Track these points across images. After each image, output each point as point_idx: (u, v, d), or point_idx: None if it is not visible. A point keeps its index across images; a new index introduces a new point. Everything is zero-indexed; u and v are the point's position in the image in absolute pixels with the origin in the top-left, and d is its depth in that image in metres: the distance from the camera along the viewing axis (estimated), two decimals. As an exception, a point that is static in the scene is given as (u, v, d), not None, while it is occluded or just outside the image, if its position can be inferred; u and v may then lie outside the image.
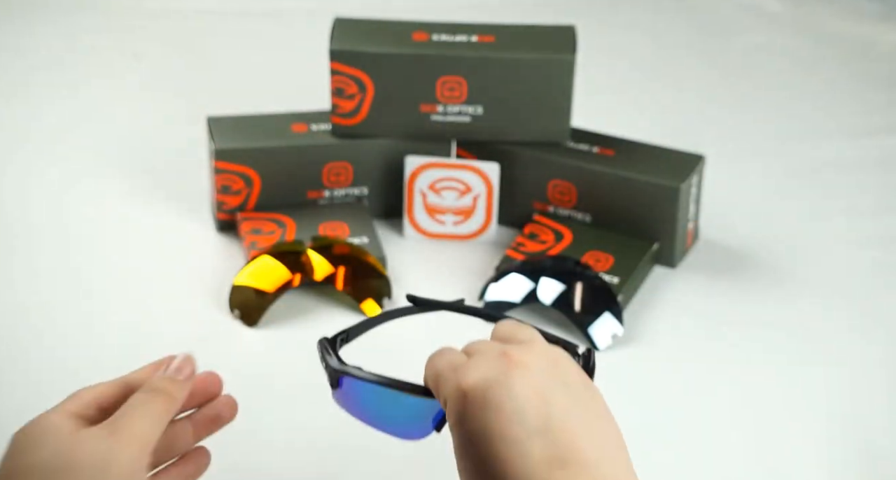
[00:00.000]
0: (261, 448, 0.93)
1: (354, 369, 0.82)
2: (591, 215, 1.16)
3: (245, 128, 1.17)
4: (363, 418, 0.83)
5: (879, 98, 1.48)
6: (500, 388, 0.71)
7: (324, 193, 1.18)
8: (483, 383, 0.71)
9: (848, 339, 1.06)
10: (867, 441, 0.95)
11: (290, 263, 1.07)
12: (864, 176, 1.31)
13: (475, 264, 1.15)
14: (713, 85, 1.52)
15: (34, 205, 1.23)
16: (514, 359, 0.72)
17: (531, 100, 1.14)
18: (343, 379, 0.82)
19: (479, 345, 0.75)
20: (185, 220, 1.20)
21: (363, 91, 1.15)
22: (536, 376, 0.72)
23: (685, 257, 1.16)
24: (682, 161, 1.15)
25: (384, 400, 0.80)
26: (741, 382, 1.01)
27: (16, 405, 0.97)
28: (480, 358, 0.73)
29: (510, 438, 0.69)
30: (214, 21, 1.62)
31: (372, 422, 0.83)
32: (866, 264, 1.16)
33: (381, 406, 0.81)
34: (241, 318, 1.06)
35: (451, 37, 1.15)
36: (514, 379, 0.71)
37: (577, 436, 0.70)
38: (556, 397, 0.71)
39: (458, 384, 0.72)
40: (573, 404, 0.71)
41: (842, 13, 1.66)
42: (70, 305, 1.08)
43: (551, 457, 0.69)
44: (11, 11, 1.62)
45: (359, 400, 0.82)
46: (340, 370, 0.81)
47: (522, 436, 0.69)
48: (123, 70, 1.51)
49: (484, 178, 1.15)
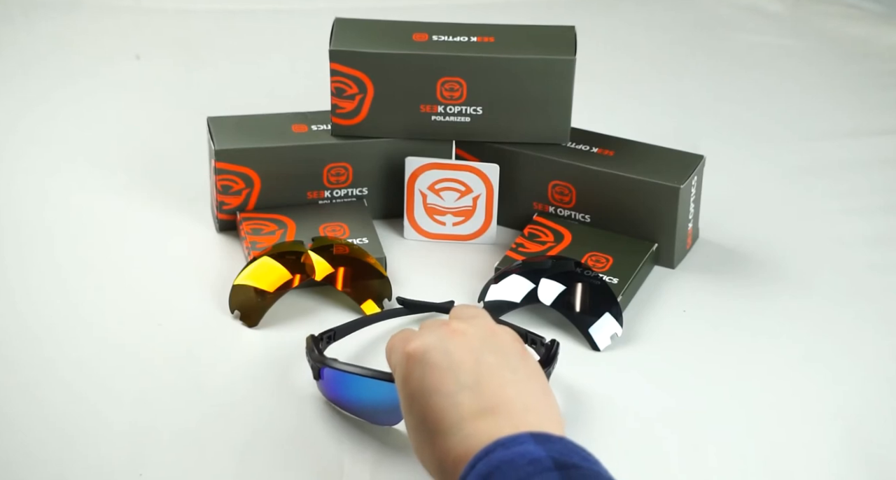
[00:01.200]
0: (261, 448, 0.93)
1: (331, 360, 0.94)
2: (590, 216, 1.16)
3: (245, 129, 1.17)
4: (343, 405, 0.95)
5: (879, 98, 1.48)
6: (437, 350, 0.80)
7: (324, 193, 1.18)
8: (423, 347, 0.81)
9: (848, 339, 1.06)
10: (868, 440, 0.95)
11: (291, 263, 1.07)
12: (865, 176, 1.31)
13: (475, 265, 1.15)
14: (713, 85, 1.52)
15: (34, 206, 1.23)
16: (454, 328, 0.82)
17: (531, 100, 1.14)
18: (323, 369, 0.94)
19: (428, 322, 0.86)
20: (186, 220, 1.20)
21: (363, 91, 1.15)
22: (472, 341, 0.81)
23: (685, 257, 1.16)
24: (682, 161, 1.15)
25: (359, 388, 0.92)
26: (741, 382, 1.01)
27: (16, 405, 0.97)
28: (426, 329, 0.83)
29: (444, 391, 0.78)
30: (214, 21, 1.62)
31: (351, 409, 0.94)
32: (867, 264, 1.16)
33: (357, 393, 0.93)
34: (241, 318, 1.06)
35: (450, 37, 1.15)
36: (450, 343, 0.80)
37: (505, 390, 0.78)
38: (488, 359, 0.80)
39: (404, 349, 0.81)
40: (504, 365, 0.80)
41: (842, 13, 1.66)
42: (69, 305, 1.08)
43: (481, 408, 0.77)
44: (10, 10, 1.61)
45: (337, 388, 0.94)
46: (319, 360, 0.94)
47: (455, 389, 0.78)
48: (124, 70, 1.51)
49: (484, 179, 1.15)
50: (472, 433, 0.75)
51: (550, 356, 0.96)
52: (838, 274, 1.15)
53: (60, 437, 0.93)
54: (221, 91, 1.45)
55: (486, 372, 0.79)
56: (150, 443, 0.93)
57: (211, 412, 0.96)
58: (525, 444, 0.72)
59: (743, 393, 1.00)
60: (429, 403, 0.78)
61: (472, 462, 0.73)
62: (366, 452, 0.92)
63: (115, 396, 0.98)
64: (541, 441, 0.73)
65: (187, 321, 1.07)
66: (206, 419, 0.95)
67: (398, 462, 0.92)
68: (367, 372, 0.91)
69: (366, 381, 0.91)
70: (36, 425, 0.94)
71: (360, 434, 0.94)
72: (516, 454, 0.72)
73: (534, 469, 0.70)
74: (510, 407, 0.77)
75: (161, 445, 0.93)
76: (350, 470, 0.91)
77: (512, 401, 0.77)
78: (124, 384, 0.99)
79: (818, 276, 1.15)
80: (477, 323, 0.83)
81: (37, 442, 0.93)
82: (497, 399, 0.77)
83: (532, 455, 0.71)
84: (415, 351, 0.81)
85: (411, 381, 0.80)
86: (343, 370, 0.92)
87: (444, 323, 0.84)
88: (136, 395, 0.98)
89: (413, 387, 0.80)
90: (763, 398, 0.99)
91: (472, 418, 0.76)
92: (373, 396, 0.92)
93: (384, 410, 0.92)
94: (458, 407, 0.77)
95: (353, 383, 0.92)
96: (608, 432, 0.94)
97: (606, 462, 0.74)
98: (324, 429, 0.94)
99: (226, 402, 0.97)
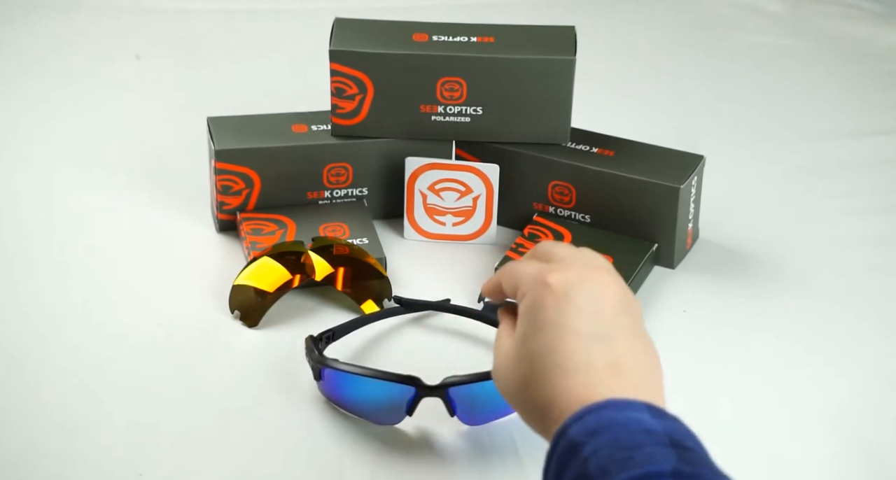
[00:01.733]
0: (261, 448, 0.93)
1: (332, 360, 0.93)
2: (590, 216, 1.16)
3: (245, 129, 1.17)
4: (344, 405, 0.94)
5: (879, 98, 1.48)
6: (584, 289, 0.77)
7: (324, 194, 1.18)
8: (568, 280, 0.77)
9: (848, 339, 1.06)
10: (868, 440, 0.95)
11: (291, 264, 1.07)
12: (864, 176, 1.31)
13: (475, 265, 1.15)
14: (713, 85, 1.52)
15: (34, 206, 1.23)
16: (598, 273, 0.79)
17: (531, 100, 1.14)
18: (323, 370, 0.94)
19: (559, 251, 0.82)
20: (186, 221, 1.20)
21: (363, 91, 1.15)
22: (615, 295, 0.78)
23: (685, 257, 1.16)
24: (682, 161, 1.15)
25: (360, 388, 0.92)
26: (741, 382, 1.01)
27: (16, 404, 0.97)
28: (566, 263, 0.80)
29: (582, 333, 0.75)
30: (214, 21, 1.62)
31: (352, 409, 0.94)
32: (867, 264, 1.16)
33: (358, 393, 0.93)
34: (241, 318, 1.06)
35: (450, 37, 1.15)
36: (598, 288, 0.77)
37: (633, 355, 0.76)
38: (624, 319, 0.77)
39: (544, 277, 0.78)
40: (634, 330, 0.77)
41: (842, 13, 1.66)
42: (69, 306, 1.08)
43: (610, 363, 0.74)
44: (10, 10, 1.61)
45: (338, 389, 0.94)
46: (320, 361, 0.93)
47: (592, 335, 0.75)
48: (123, 70, 1.51)
49: (484, 179, 1.15)
50: (596, 382, 0.73)
51: None
52: (838, 274, 1.15)
53: (60, 437, 0.93)
54: (221, 91, 1.45)
55: (621, 330, 0.76)
56: (150, 443, 0.93)
57: (211, 412, 0.96)
58: (640, 412, 0.70)
59: (743, 393, 1.00)
60: (561, 338, 0.75)
61: (581, 413, 0.71)
62: (366, 452, 0.92)
63: (115, 396, 0.98)
64: (656, 415, 0.70)
65: (187, 321, 1.07)
66: (205, 419, 0.95)
67: (398, 462, 0.92)
68: (368, 372, 0.91)
69: (366, 381, 0.91)
70: (36, 424, 0.95)
71: (361, 435, 0.94)
72: (630, 419, 0.69)
73: (648, 439, 0.68)
74: (635, 373, 0.75)
75: (161, 445, 0.93)
76: (350, 470, 0.91)
77: (636, 368, 0.75)
78: (124, 384, 0.99)
79: (818, 276, 1.15)
80: (617, 279, 0.80)
81: (37, 442, 0.93)
82: (624, 359, 0.75)
83: (647, 424, 0.69)
84: (559, 282, 0.77)
85: (545, 311, 0.77)
86: (343, 370, 0.92)
87: (584, 262, 0.80)
88: (135, 395, 0.98)
89: (546, 318, 0.76)
90: (763, 398, 0.99)
91: (599, 369, 0.74)
92: (374, 396, 0.92)
93: (385, 410, 0.92)
94: (588, 353, 0.74)
95: (353, 383, 0.92)
96: (608, 432, 0.94)
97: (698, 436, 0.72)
98: (324, 429, 0.94)
99: (225, 402, 0.97)
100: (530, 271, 0.80)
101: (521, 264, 0.82)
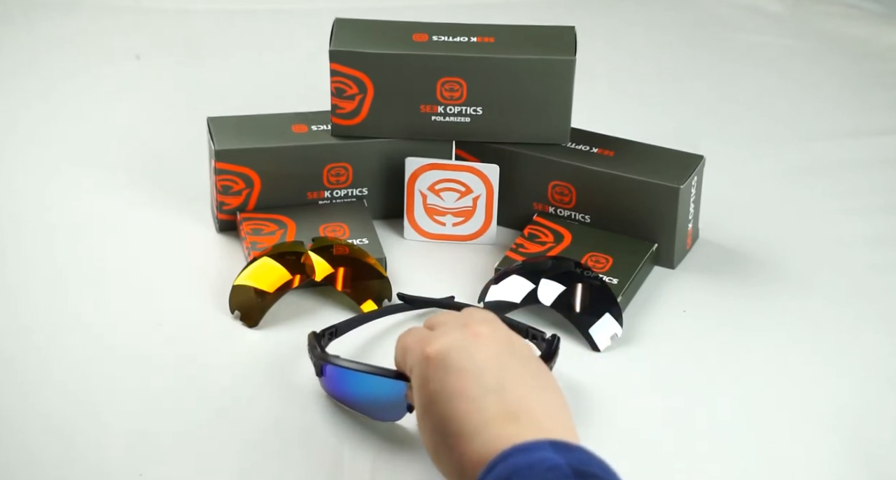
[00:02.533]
0: (262, 446, 0.93)
1: (333, 357, 0.94)
2: (590, 216, 1.16)
3: (245, 129, 1.17)
4: (346, 402, 0.95)
5: (879, 98, 1.48)
6: (460, 353, 0.80)
7: (324, 194, 1.18)
8: (445, 348, 0.80)
9: (848, 340, 1.06)
10: (868, 440, 0.95)
11: (291, 264, 1.07)
12: (864, 176, 1.31)
13: (475, 265, 1.15)
14: (713, 85, 1.52)
15: (34, 205, 1.23)
16: (474, 331, 0.82)
17: (531, 100, 1.14)
18: (325, 366, 0.95)
19: (441, 318, 0.86)
20: (186, 221, 1.20)
21: (363, 91, 1.15)
22: (493, 345, 0.81)
23: (685, 257, 1.16)
24: (682, 161, 1.15)
25: (362, 384, 0.92)
26: (741, 382, 1.01)
27: (15, 405, 0.97)
28: (444, 328, 0.83)
29: (468, 395, 0.77)
30: (214, 21, 1.62)
31: (353, 405, 0.95)
32: (867, 264, 1.16)
33: (360, 389, 0.93)
34: (241, 318, 1.06)
35: (450, 37, 1.15)
36: (473, 346, 0.80)
37: (528, 397, 0.78)
38: (510, 364, 0.80)
39: (423, 351, 0.81)
40: (524, 371, 0.80)
41: (842, 13, 1.66)
42: (69, 305, 1.08)
43: (505, 412, 0.76)
44: (10, 10, 1.61)
45: (340, 385, 0.95)
46: (321, 357, 0.94)
47: (480, 393, 0.77)
48: (124, 70, 1.51)
49: (484, 180, 1.15)
50: (496, 436, 0.75)
51: (551, 351, 0.96)
52: (838, 274, 1.15)
53: (60, 437, 0.93)
54: (221, 91, 1.45)
55: (510, 377, 0.78)
56: (151, 443, 0.93)
57: (211, 412, 0.96)
58: (544, 451, 0.72)
59: (743, 393, 1.00)
60: (450, 406, 0.78)
61: (490, 466, 0.73)
62: (367, 448, 0.92)
63: (115, 396, 0.98)
64: (559, 450, 0.72)
65: (187, 321, 1.07)
66: (206, 418, 0.95)
67: (399, 458, 0.92)
68: (370, 368, 0.91)
69: (368, 378, 0.91)
70: (36, 425, 0.94)
71: (362, 431, 0.94)
72: (535, 460, 0.72)
73: (553, 476, 0.70)
74: (532, 414, 0.77)
75: (161, 445, 0.93)
76: (351, 466, 0.91)
77: (534, 408, 0.77)
78: (124, 384, 0.99)
79: (818, 276, 1.15)
80: (494, 326, 0.83)
81: (37, 443, 0.93)
82: (520, 404, 0.77)
83: (551, 462, 0.71)
84: (436, 353, 0.80)
85: (431, 383, 0.79)
86: (345, 367, 0.92)
87: (461, 322, 0.83)
88: (135, 395, 0.98)
89: (433, 390, 0.79)
90: (763, 398, 0.99)
91: (496, 422, 0.76)
92: (375, 392, 0.92)
93: (386, 406, 0.92)
94: (481, 412, 0.77)
95: (355, 379, 0.92)
96: (608, 432, 0.94)
97: (606, 461, 0.74)
98: (325, 426, 0.94)
99: (226, 402, 0.97)
100: (413, 346, 0.83)
101: (408, 336, 0.85)
